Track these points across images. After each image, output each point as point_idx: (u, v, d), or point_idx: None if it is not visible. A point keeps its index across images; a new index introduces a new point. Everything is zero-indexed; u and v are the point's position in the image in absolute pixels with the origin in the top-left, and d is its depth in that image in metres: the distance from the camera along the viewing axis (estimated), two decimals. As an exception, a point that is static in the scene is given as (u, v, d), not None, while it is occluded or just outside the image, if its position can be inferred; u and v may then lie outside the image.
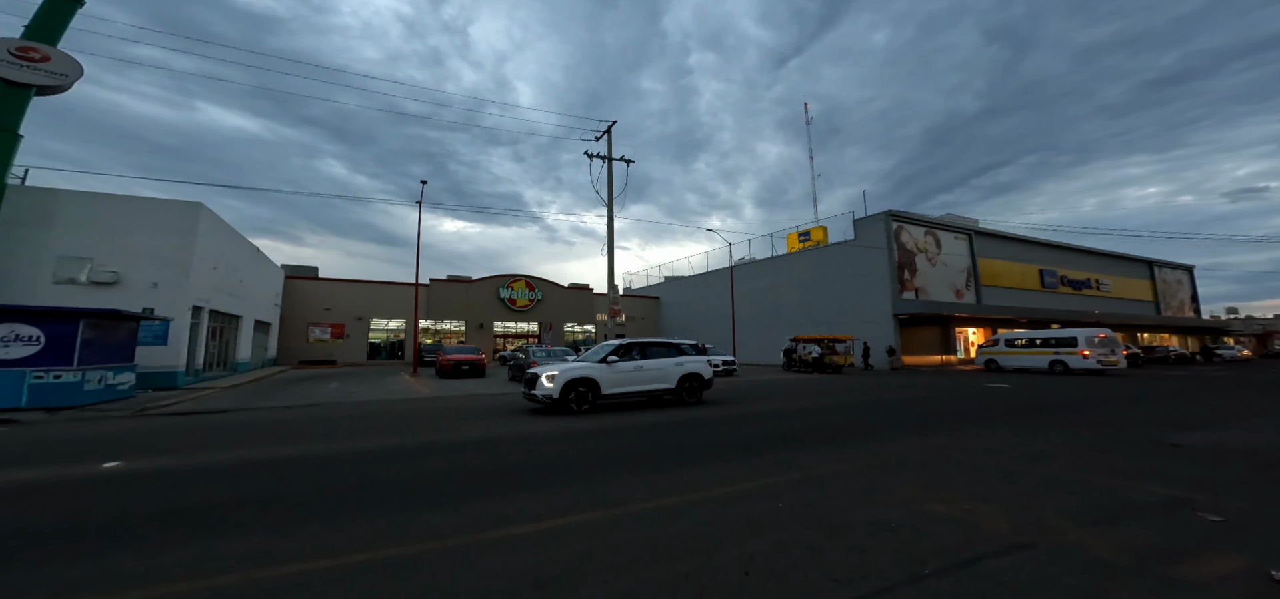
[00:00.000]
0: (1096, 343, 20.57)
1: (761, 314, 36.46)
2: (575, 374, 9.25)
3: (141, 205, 14.29)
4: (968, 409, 10.30)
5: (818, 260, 33.03)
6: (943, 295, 30.37)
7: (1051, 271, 36.98)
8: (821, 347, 25.48)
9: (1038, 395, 12.83)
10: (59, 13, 12.57)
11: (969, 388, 15.02)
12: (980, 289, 31.93)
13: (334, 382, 17.70)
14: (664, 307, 50.77)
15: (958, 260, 31.55)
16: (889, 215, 29.05)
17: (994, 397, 12.66)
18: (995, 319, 31.91)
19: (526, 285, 43.45)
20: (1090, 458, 5.85)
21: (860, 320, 29.36)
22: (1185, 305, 48.64)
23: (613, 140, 19.22)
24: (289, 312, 33.05)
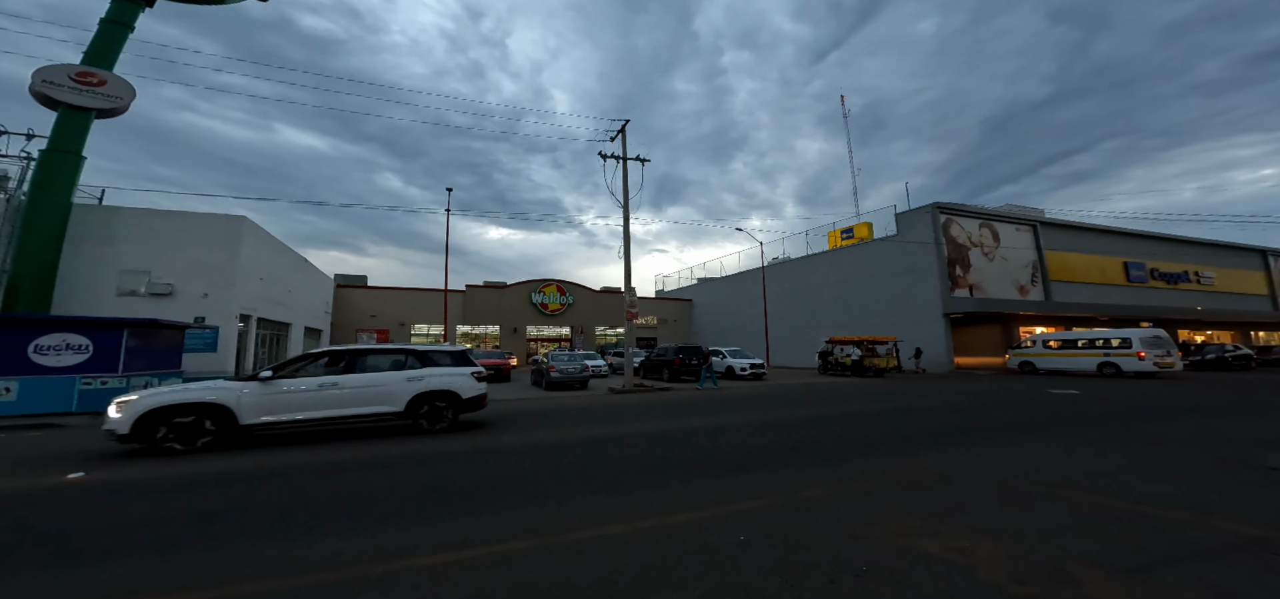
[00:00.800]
0: (1151, 343, 19.32)
1: (798, 315, 34.90)
2: (175, 400, 6.61)
3: (191, 220, 15.67)
4: (1018, 419, 9.08)
5: (858, 258, 31.21)
6: (1003, 292, 27.67)
7: (1139, 264, 32.81)
8: (861, 349, 23.93)
9: (1110, 404, 11.17)
10: (112, 39, 13.98)
11: (1027, 394, 13.38)
12: (1049, 285, 28.83)
13: None
14: (697, 309, 49.98)
15: (1021, 254, 28.67)
16: (936, 207, 26.88)
17: (1054, 404, 11.16)
18: (1069, 318, 28.70)
19: (558, 289, 44.04)
20: (1149, 484, 4.82)
21: (905, 321, 27.35)
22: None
23: (627, 139, 18.96)
24: (340, 318, 35.29)
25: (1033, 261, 28.81)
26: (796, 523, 3.86)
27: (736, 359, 23.06)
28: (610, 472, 5.51)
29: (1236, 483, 4.78)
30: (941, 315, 25.71)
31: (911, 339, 27.10)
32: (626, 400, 13.97)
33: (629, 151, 18.84)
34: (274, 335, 21.21)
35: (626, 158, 18.86)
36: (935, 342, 25.89)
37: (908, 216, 28.35)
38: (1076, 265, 30.33)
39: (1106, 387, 15.32)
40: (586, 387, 18.46)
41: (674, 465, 5.81)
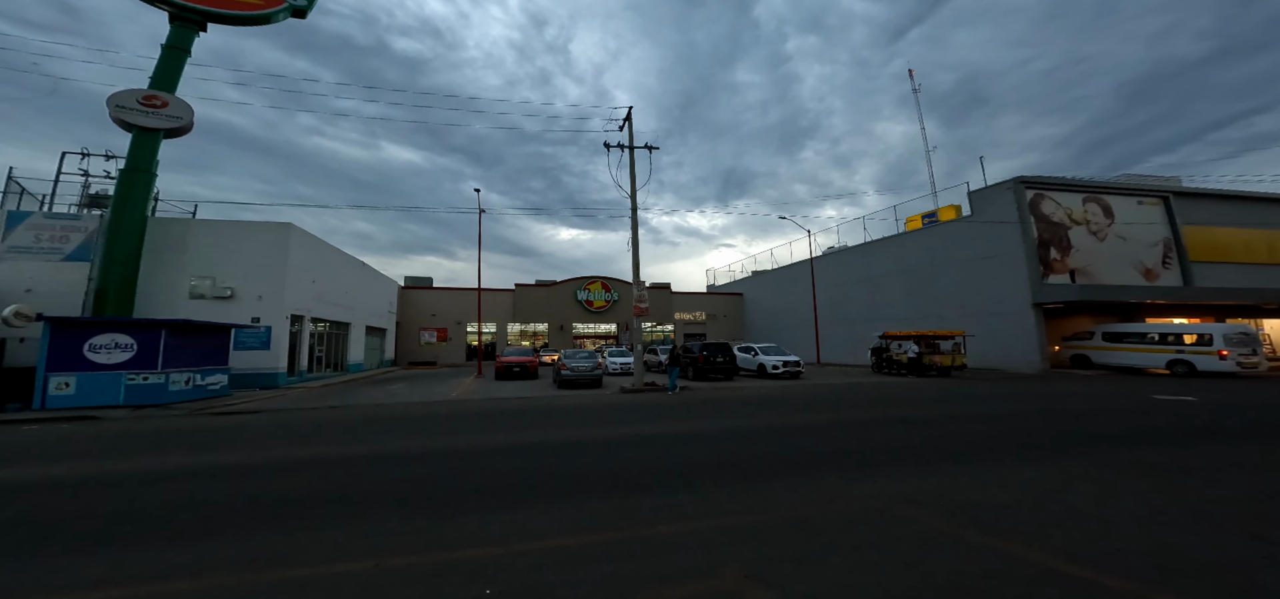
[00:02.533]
0: (1235, 340, 17.53)
1: (855, 308, 31.23)
2: None
3: (247, 229, 17.49)
4: (1067, 431, 6.73)
5: (925, 244, 27.09)
6: (1120, 276, 22.29)
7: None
8: (920, 344, 20.61)
9: (1235, 415, 7.96)
10: (172, 64, 15.85)
11: (1120, 402, 10.13)
12: (1189, 266, 22.70)
13: (404, 384, 19.54)
14: (748, 304, 47.36)
15: (1146, 231, 22.90)
16: (1020, 182, 22.32)
17: (1146, 412, 8.19)
18: (1220, 306, 22.39)
19: (603, 286, 44.00)
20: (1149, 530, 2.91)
21: (985, 313, 23.11)
22: None
23: (633, 126, 17.89)
24: (405, 318, 38.31)
25: (1164, 239, 22.86)
26: (577, 574, 2.75)
27: (768, 357, 21.06)
28: (444, 490, 4.66)
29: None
30: (1030, 306, 21.29)
31: (992, 333, 22.83)
32: (625, 401, 13.04)
33: (635, 140, 17.76)
34: (332, 333, 23.23)
35: (633, 146, 17.82)
36: (1023, 337, 21.53)
37: (984, 195, 23.91)
38: (1230, 243, 23.58)
39: (1216, 390, 11.25)
40: (599, 385, 17.76)
41: (532, 484, 4.80)
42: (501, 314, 42.04)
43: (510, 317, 41.98)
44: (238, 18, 17.17)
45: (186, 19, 16.22)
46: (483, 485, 4.86)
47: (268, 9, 17.75)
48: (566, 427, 8.48)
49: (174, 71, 15.88)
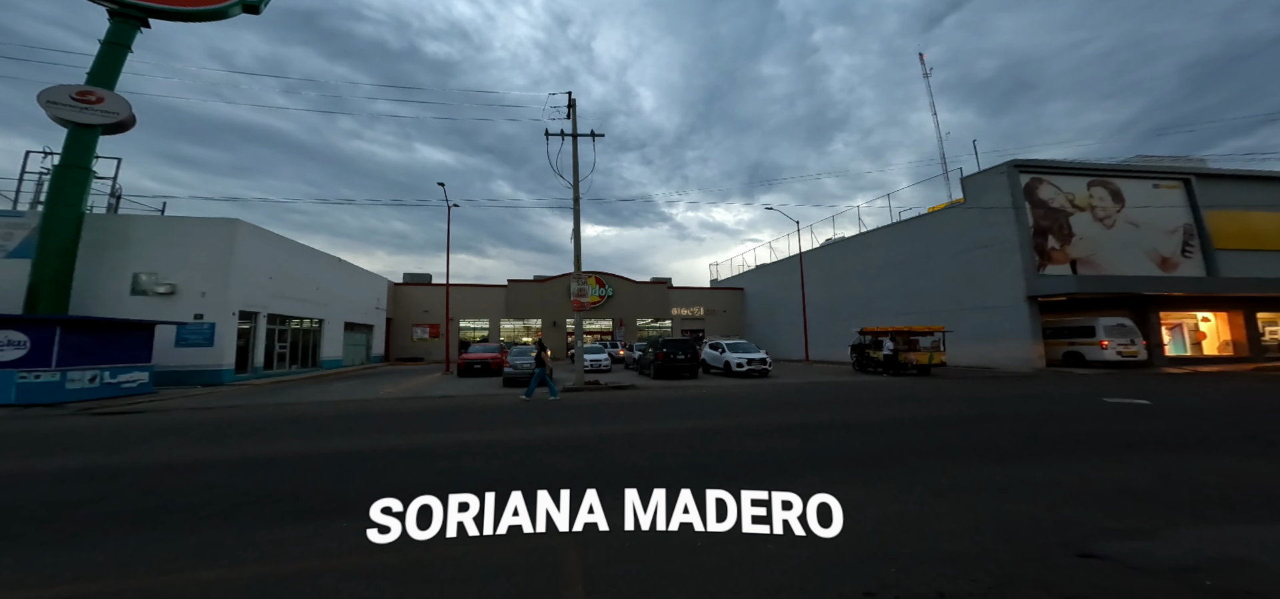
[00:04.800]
0: (1114, 331, 18.52)
1: (850, 303, 29.01)
2: None
3: (190, 225, 16.99)
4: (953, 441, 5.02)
5: (918, 233, 24.73)
6: (1132, 266, 19.49)
7: (1393, 219, 21.06)
8: (895, 341, 18.55)
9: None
10: (111, 59, 15.32)
11: (1069, 405, 8.11)
12: (1213, 254, 19.66)
13: (364, 380, 18.86)
14: (748, 299, 45.37)
15: (1163, 217, 19.96)
16: (1013, 166, 19.78)
17: (1031, 422, 6.31)
18: (1249, 298, 19.33)
19: (596, 281, 42.77)
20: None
21: (977, 306, 20.72)
22: None
23: (577, 115, 16.51)
24: (398, 314, 38.12)
25: (1184, 225, 19.84)
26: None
27: (734, 354, 19.45)
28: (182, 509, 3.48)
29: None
30: (1024, 299, 18.84)
31: (985, 328, 20.38)
32: (548, 402, 11.82)
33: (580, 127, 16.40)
34: (303, 331, 22.81)
35: (577, 135, 16.47)
36: (1016, 332, 19.11)
37: (977, 180, 21.41)
38: (1264, 228, 20.30)
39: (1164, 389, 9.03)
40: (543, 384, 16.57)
41: (259, 500, 3.56)
42: (495, 310, 41.45)
43: (503, 313, 41.37)
44: (182, 14, 16.67)
45: (127, 15, 15.78)
46: (199, 503, 3.68)
47: (217, 4, 17.19)
48: (450, 430, 7.44)
49: (113, 67, 15.40)
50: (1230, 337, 19.79)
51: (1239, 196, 20.59)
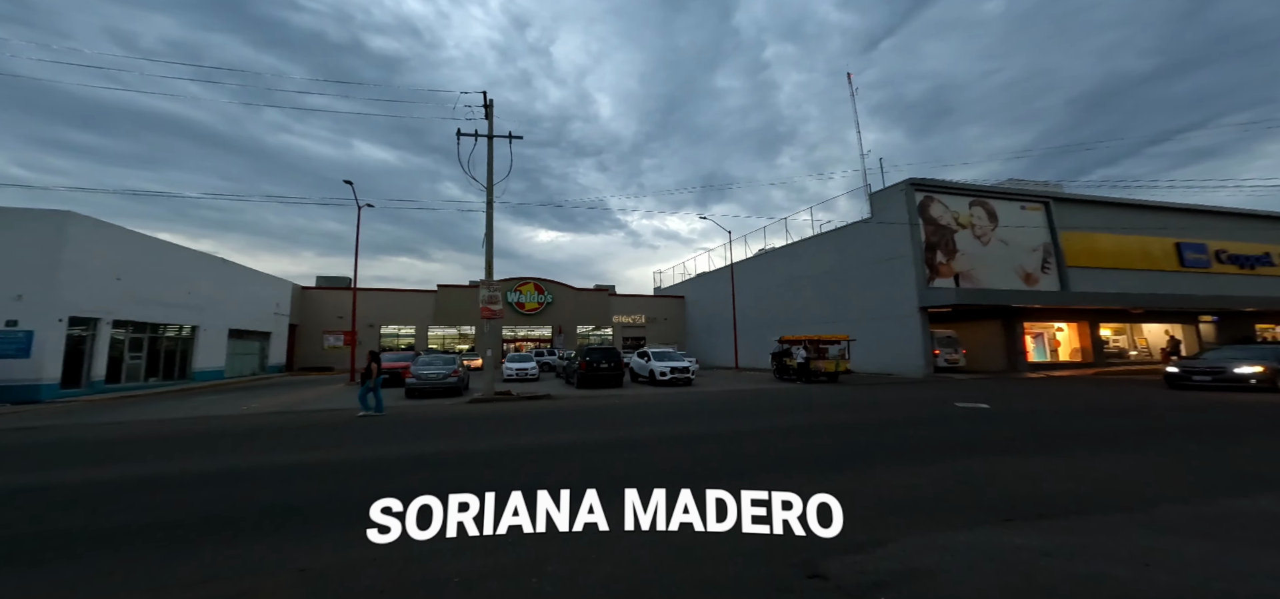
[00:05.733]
0: (943, 343, 20.53)
1: (779, 312, 30.00)
2: None
3: (9, 217, 14.03)
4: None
5: (838, 245, 26.01)
6: (1002, 281, 21.65)
7: (1197, 246, 25.14)
8: (808, 349, 19.25)
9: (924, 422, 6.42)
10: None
11: (912, 412, 8.59)
12: (1066, 271, 22.36)
13: (245, 394, 16.54)
14: (689, 306, 45.88)
15: (1027, 236, 22.41)
16: (910, 184, 21.40)
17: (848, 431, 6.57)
18: (1094, 311, 22.13)
19: (535, 288, 41.46)
20: None
21: (883, 316, 22.08)
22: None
23: (494, 117, 15.61)
24: (308, 320, 34.47)
25: (1044, 244, 22.42)
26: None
27: (659, 363, 19.25)
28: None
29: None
30: (917, 310, 20.31)
31: (887, 337, 21.75)
32: (441, 411, 10.76)
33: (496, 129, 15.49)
34: (166, 340, 19.69)
35: (493, 136, 15.55)
36: (911, 341, 20.52)
37: (882, 197, 22.96)
38: (1105, 248, 23.45)
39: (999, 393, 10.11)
40: (460, 392, 15.35)
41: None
42: (423, 316, 38.77)
43: (433, 319, 38.79)
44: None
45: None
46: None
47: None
48: (267, 451, 6.44)
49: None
50: (1079, 344, 22.59)
51: (1088, 219, 23.65)
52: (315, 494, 4.54)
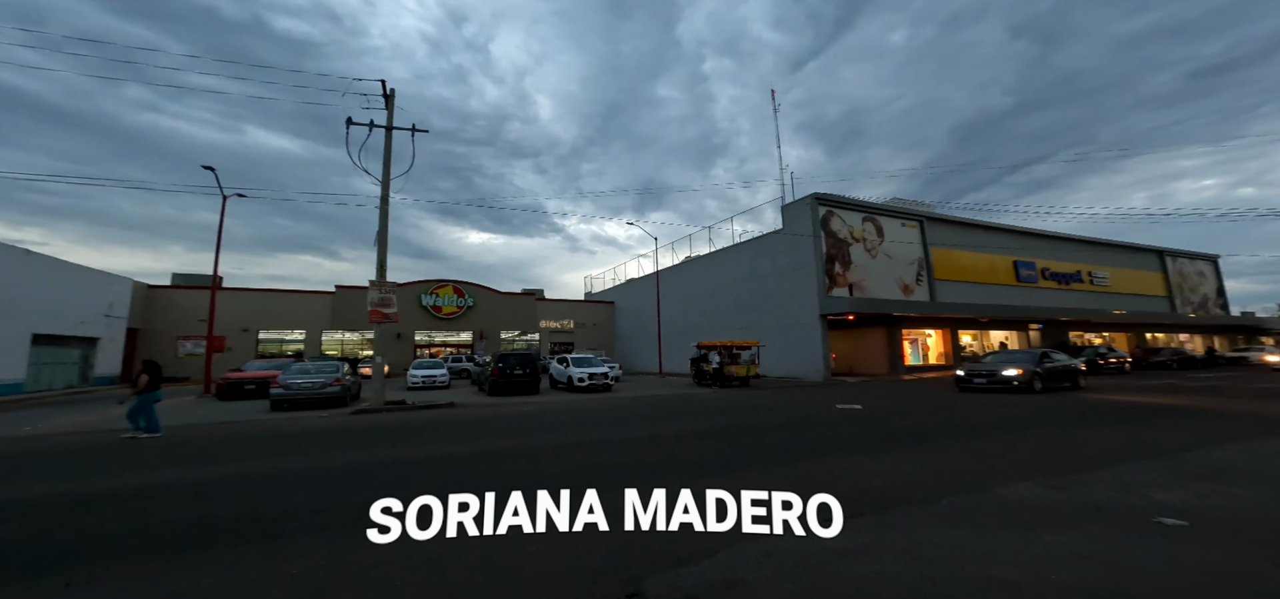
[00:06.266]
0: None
1: (705, 318, 30.69)
2: None
3: None
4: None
5: (753, 254, 27.33)
6: (887, 292, 24.32)
7: (1029, 263, 30.38)
8: (721, 355, 19.98)
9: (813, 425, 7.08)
10: None
11: (797, 412, 9.24)
12: (934, 284, 25.74)
13: (70, 410, 13.07)
14: (619, 312, 45.70)
15: (906, 251, 25.45)
16: (815, 198, 23.25)
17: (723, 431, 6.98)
18: (953, 319, 25.67)
19: (454, 291, 38.67)
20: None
21: (791, 323, 23.60)
22: (1208, 301, 40.00)
23: (394, 107, 14.14)
24: (157, 323, 28.73)
25: (918, 259, 25.61)
26: None
27: (578, 368, 18.75)
28: None
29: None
30: (818, 317, 22.03)
31: (794, 343, 23.35)
32: (295, 426, 9.19)
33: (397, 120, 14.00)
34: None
35: (392, 127, 14.05)
36: (813, 347, 22.19)
37: (792, 209, 24.65)
38: (964, 264, 27.42)
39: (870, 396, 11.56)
40: (344, 403, 13.51)
41: None
42: (317, 320, 34.23)
43: (329, 323, 34.38)
44: None
45: None
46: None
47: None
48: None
49: None
50: (944, 349, 26.12)
51: (952, 238, 27.46)
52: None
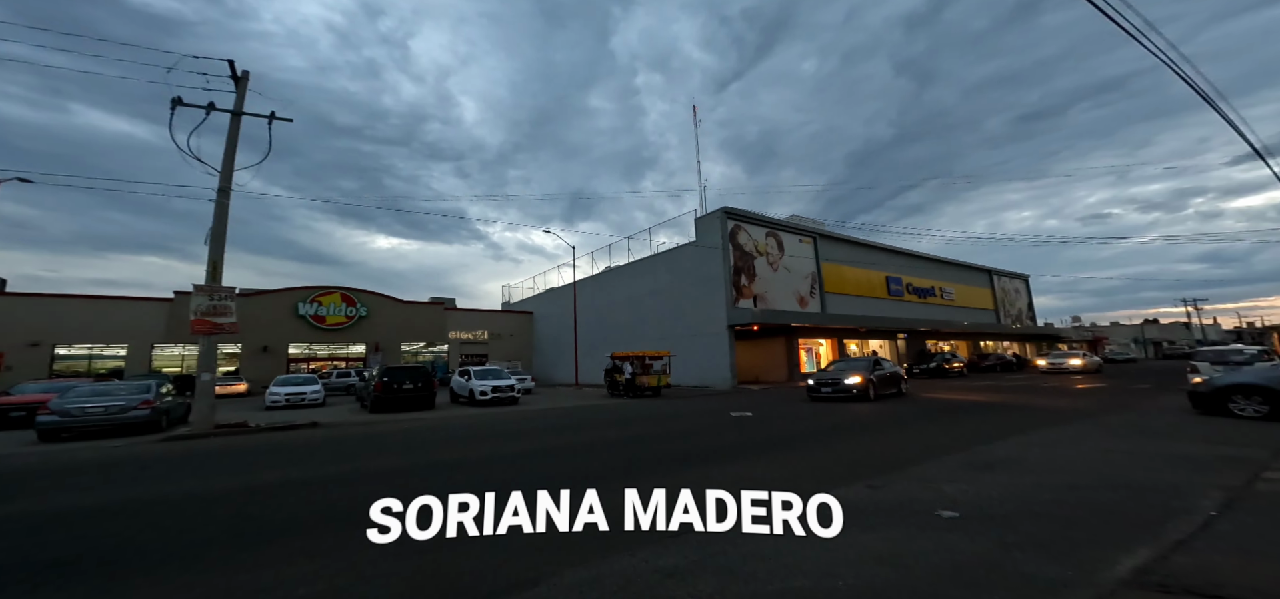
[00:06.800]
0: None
1: (623, 328, 30.26)
2: None
3: None
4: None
5: (670, 265, 27.79)
6: (786, 303, 26.39)
7: (897, 279, 35.19)
8: (633, 365, 20.00)
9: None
10: None
11: (692, 422, 9.48)
12: (825, 297, 28.59)
13: None
14: (538, 322, 43.81)
15: (802, 265, 27.92)
16: (724, 212, 24.50)
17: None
18: (840, 329, 28.68)
19: (344, 299, 34.12)
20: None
21: (702, 332, 24.41)
22: (1022, 314, 49.01)
23: (246, 90, 11.91)
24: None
25: (812, 273, 28.25)
26: None
27: (481, 381, 17.44)
28: None
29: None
30: (726, 327, 23.14)
31: (704, 352, 24.21)
32: (99, 455, 6.97)
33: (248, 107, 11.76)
34: None
35: (241, 114, 11.79)
36: (721, 356, 23.22)
37: (705, 222, 25.68)
38: (849, 278, 30.88)
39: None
40: (156, 428, 10.79)
41: None
42: (147, 332, 27.91)
43: (163, 336, 28.20)
44: None
45: None
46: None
47: None
48: None
49: None
50: (833, 357, 29.10)
51: (840, 254, 30.78)
52: None
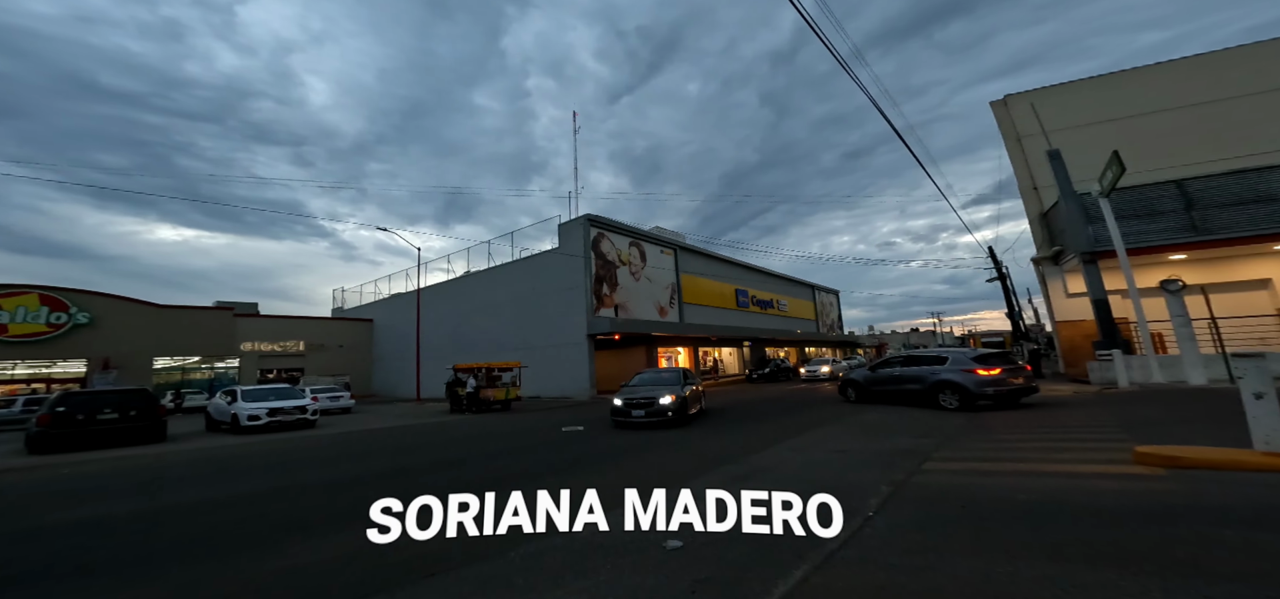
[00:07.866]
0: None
1: (479, 337, 27.43)
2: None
3: None
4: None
5: (531, 271, 26.05)
6: (648, 313, 26.85)
7: (744, 291, 39.24)
8: (478, 377, 17.78)
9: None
10: None
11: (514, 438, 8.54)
12: (683, 307, 30.09)
13: None
14: (378, 330, 37.08)
15: (663, 275, 28.87)
16: (588, 220, 23.78)
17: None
18: (697, 338, 30.52)
19: (46, 302, 23.92)
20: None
21: (563, 342, 23.16)
22: (835, 324, 58.94)
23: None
24: None
25: (672, 284, 29.45)
26: None
27: (250, 404, 13.26)
28: None
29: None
30: (586, 336, 22.33)
31: (564, 363, 22.98)
32: None
33: None
34: None
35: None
36: (580, 366, 22.31)
37: (568, 229, 24.55)
38: (704, 289, 33.15)
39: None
40: None
41: None
42: None
43: None
44: None
45: None
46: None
47: None
48: None
49: None
50: (690, 365, 30.86)
51: (698, 266, 32.79)
52: None
